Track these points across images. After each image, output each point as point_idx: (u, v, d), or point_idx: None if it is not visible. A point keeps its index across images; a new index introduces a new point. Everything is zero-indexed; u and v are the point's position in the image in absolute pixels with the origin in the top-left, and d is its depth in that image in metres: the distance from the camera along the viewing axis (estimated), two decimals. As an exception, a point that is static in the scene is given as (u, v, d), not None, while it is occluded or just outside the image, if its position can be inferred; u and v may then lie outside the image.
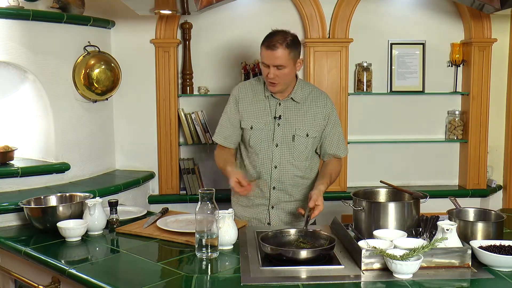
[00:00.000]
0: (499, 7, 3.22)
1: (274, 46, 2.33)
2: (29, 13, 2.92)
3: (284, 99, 2.49)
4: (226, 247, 2.08)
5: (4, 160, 3.04)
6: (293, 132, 2.47)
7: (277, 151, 2.48)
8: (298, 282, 1.74)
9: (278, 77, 2.37)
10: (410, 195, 2.22)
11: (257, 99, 2.51)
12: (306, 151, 2.50)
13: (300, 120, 2.48)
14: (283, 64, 2.34)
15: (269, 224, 2.56)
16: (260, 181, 2.50)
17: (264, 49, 2.36)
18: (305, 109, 2.49)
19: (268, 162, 2.49)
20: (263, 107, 2.50)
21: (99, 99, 3.35)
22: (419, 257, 1.75)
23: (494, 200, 3.79)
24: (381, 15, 3.68)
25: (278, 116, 2.47)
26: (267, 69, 2.37)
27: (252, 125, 2.49)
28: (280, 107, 2.48)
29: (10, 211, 2.57)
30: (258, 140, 2.49)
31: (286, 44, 2.34)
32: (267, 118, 2.48)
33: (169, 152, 3.61)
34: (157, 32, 3.52)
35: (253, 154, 2.51)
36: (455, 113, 3.74)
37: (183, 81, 3.61)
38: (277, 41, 2.33)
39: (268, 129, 2.48)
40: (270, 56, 2.33)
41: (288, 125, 2.48)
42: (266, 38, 2.38)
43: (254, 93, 2.53)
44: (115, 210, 2.43)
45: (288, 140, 2.48)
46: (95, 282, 1.80)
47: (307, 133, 2.48)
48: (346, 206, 2.23)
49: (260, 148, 2.49)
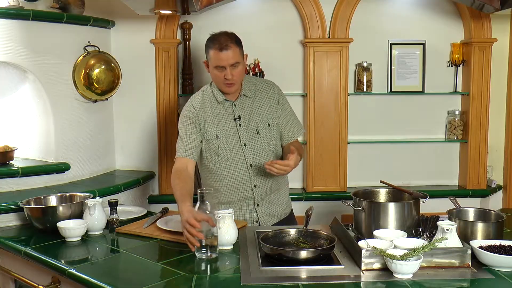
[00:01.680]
0: (499, 7, 3.21)
1: (227, 46, 2.36)
2: (29, 13, 2.92)
3: (237, 99, 2.51)
4: (226, 247, 2.08)
5: (4, 160, 3.04)
6: (256, 126, 2.50)
7: (247, 150, 2.49)
8: (298, 282, 1.74)
9: (235, 76, 2.40)
10: (410, 195, 2.22)
11: (212, 107, 2.50)
12: (273, 139, 2.54)
13: (258, 113, 2.52)
14: (237, 60, 2.39)
15: (257, 221, 2.55)
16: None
17: (217, 51, 2.36)
18: (258, 101, 2.54)
19: (242, 164, 2.49)
20: (220, 114, 2.50)
21: (99, 99, 3.35)
22: (419, 257, 1.75)
23: (494, 200, 3.79)
24: (381, 15, 3.68)
25: (238, 116, 2.49)
26: (223, 71, 2.38)
27: (217, 134, 2.48)
28: (236, 108, 2.51)
29: (10, 211, 2.57)
30: (227, 145, 2.48)
31: (235, 42, 2.40)
32: (228, 123, 2.49)
33: (169, 152, 3.61)
34: (157, 32, 3.52)
35: (224, 161, 2.49)
36: (455, 113, 3.74)
37: (183, 81, 3.61)
38: (226, 40, 2.37)
39: (232, 132, 2.49)
40: (225, 57, 2.35)
41: (249, 122, 2.50)
42: (213, 41, 2.39)
43: (206, 103, 2.51)
44: (115, 210, 2.43)
45: (254, 136, 2.50)
46: (95, 282, 1.80)
47: (268, 123, 2.52)
48: (346, 206, 2.23)
49: (231, 153, 2.48)
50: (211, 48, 2.39)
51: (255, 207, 2.55)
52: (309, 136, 3.59)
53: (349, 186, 3.67)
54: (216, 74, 2.41)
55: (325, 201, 3.53)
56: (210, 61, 2.42)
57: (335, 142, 3.61)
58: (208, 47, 2.42)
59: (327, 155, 3.61)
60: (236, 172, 2.49)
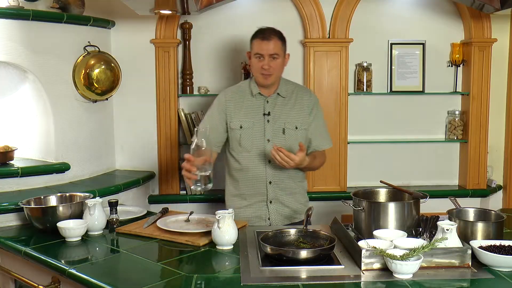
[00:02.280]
0: (499, 7, 3.21)
1: (269, 36, 2.47)
2: (29, 13, 2.92)
3: (271, 96, 2.57)
4: (226, 247, 2.08)
5: (4, 160, 3.04)
6: (283, 126, 2.55)
7: (269, 146, 2.53)
8: (298, 282, 1.74)
9: (272, 67, 2.48)
10: (410, 195, 2.22)
11: (244, 99, 2.59)
12: (297, 143, 2.54)
13: (288, 114, 2.57)
14: (277, 52, 2.48)
15: (269, 219, 2.59)
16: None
17: (258, 40, 2.48)
18: (292, 103, 2.59)
19: (261, 158, 2.55)
20: (251, 106, 2.57)
21: (99, 99, 3.35)
22: (419, 257, 1.75)
23: (494, 200, 3.79)
24: (381, 15, 3.68)
25: (267, 112, 2.55)
26: (261, 61, 2.47)
27: (241, 125, 2.55)
28: (268, 104, 2.57)
29: (10, 211, 2.57)
30: (249, 137, 2.55)
31: (279, 36, 2.50)
32: (256, 116, 2.56)
33: (169, 152, 3.61)
34: (157, 32, 3.52)
35: (245, 153, 2.56)
36: (455, 113, 3.74)
37: (183, 81, 3.61)
38: (270, 33, 2.49)
39: (259, 126, 2.55)
40: (266, 46, 2.46)
41: (278, 120, 2.56)
42: (259, 32, 2.52)
43: (240, 94, 2.61)
44: (115, 210, 2.43)
45: (279, 134, 2.55)
46: (95, 282, 1.80)
47: (296, 126, 2.57)
48: (346, 206, 2.23)
49: (252, 146, 2.54)
50: (255, 38, 2.52)
51: (268, 204, 2.58)
52: (309, 136, 3.59)
53: (349, 186, 3.67)
54: (255, 62, 2.51)
55: (325, 201, 3.53)
56: (252, 50, 2.52)
57: (335, 142, 3.58)
58: (253, 37, 2.54)
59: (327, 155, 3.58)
60: (254, 165, 2.55)
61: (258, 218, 2.60)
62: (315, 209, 2.27)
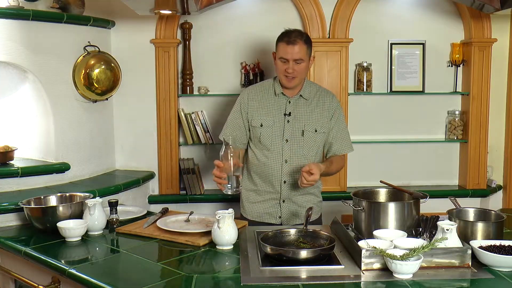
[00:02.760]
0: (499, 7, 3.21)
1: (295, 41, 2.46)
2: (29, 13, 2.92)
3: (294, 97, 2.59)
4: (226, 247, 2.08)
5: (4, 160, 3.04)
6: (302, 127, 2.57)
7: (287, 146, 2.56)
8: (298, 282, 1.74)
9: (296, 71, 2.49)
10: (410, 195, 2.22)
11: (266, 97, 2.62)
12: (315, 146, 2.59)
13: (309, 116, 2.58)
14: (302, 57, 2.48)
15: (280, 217, 2.62)
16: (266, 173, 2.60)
17: (284, 44, 2.47)
18: (313, 106, 2.60)
19: (279, 157, 2.57)
20: (273, 105, 2.60)
21: (99, 99, 3.35)
22: (419, 257, 1.75)
23: (494, 200, 3.79)
24: (381, 15, 3.68)
25: (288, 113, 2.57)
26: (286, 64, 2.48)
27: (262, 123, 2.58)
28: (290, 105, 2.59)
29: (10, 211, 2.58)
30: (269, 136, 2.57)
31: (304, 40, 2.49)
32: (277, 116, 2.58)
33: (169, 152, 3.61)
34: (157, 32, 3.52)
35: (265, 150, 2.59)
36: (455, 113, 3.74)
37: (183, 81, 3.61)
38: (296, 36, 2.48)
39: (278, 125, 2.57)
40: (291, 51, 2.46)
41: (298, 121, 2.57)
42: (284, 35, 2.50)
43: (263, 92, 2.64)
44: (115, 210, 2.44)
45: (298, 136, 2.57)
46: (95, 282, 1.80)
47: (316, 129, 2.58)
48: (346, 206, 2.23)
49: (271, 144, 2.57)
50: (280, 40, 2.51)
51: (280, 202, 2.61)
52: (309, 136, 3.59)
53: (349, 186, 3.67)
54: (279, 65, 2.51)
55: (325, 201, 3.51)
56: (277, 52, 2.52)
57: (335, 142, 3.61)
58: (278, 40, 2.53)
59: (327, 155, 3.60)
60: (270, 163, 2.57)
61: (269, 215, 2.64)
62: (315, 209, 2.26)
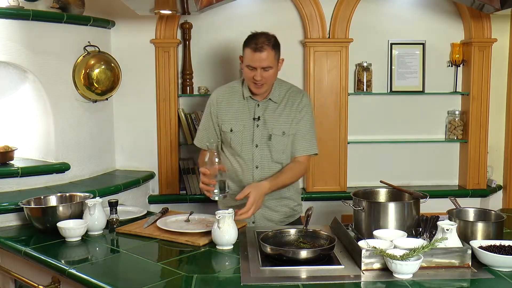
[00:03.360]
0: (499, 7, 3.21)
1: (262, 48, 2.35)
2: (29, 13, 2.92)
3: (263, 100, 2.52)
4: (226, 247, 2.08)
5: (4, 160, 3.04)
6: (270, 131, 2.50)
7: (257, 151, 2.51)
8: (298, 282, 1.74)
9: (265, 78, 2.40)
10: (410, 195, 2.22)
11: (235, 101, 2.54)
12: (285, 149, 2.53)
13: (277, 119, 2.51)
14: (270, 65, 2.38)
15: (254, 223, 2.56)
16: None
17: (250, 51, 2.36)
18: (282, 108, 2.53)
19: (249, 163, 2.52)
20: (242, 109, 2.52)
21: (99, 99, 3.35)
22: (419, 257, 1.75)
23: (494, 200, 3.79)
24: (381, 15, 3.68)
25: (257, 117, 2.50)
26: (253, 71, 2.39)
27: (231, 128, 2.51)
28: (258, 108, 2.52)
29: (10, 211, 2.57)
30: (239, 142, 2.51)
31: (272, 45, 2.38)
32: (246, 120, 2.51)
33: (169, 152, 3.61)
34: (157, 32, 3.52)
35: (236, 156, 2.54)
36: (455, 113, 3.74)
37: (183, 81, 3.61)
38: (263, 42, 2.36)
39: (248, 130, 2.50)
40: (258, 59, 2.36)
41: (266, 125, 2.50)
42: (251, 40, 2.39)
43: (232, 96, 2.55)
44: (115, 210, 2.43)
45: (266, 140, 2.50)
46: (95, 282, 1.80)
47: (283, 131, 2.51)
48: (346, 206, 2.23)
49: (241, 150, 2.52)
50: (247, 46, 2.40)
51: None
52: (309, 136, 3.59)
53: (349, 186, 3.67)
54: (246, 72, 2.43)
55: (325, 201, 3.53)
56: (244, 59, 2.43)
57: (335, 142, 3.61)
58: (245, 45, 2.42)
59: (327, 155, 3.61)
60: (243, 169, 2.53)
61: (242, 221, 2.55)
62: (315, 209, 2.26)
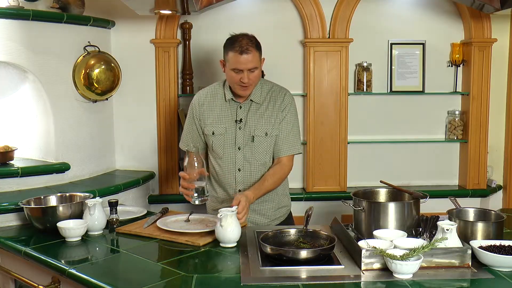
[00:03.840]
0: (499, 7, 3.21)
1: (248, 50, 2.34)
2: (29, 13, 2.92)
3: (244, 102, 2.50)
4: (230, 245, 2.08)
5: (4, 160, 3.04)
6: (252, 133, 2.48)
7: (239, 154, 2.49)
8: (298, 282, 1.74)
9: (251, 79, 2.38)
10: (410, 195, 2.22)
11: (217, 104, 2.51)
12: (268, 150, 2.51)
13: (259, 120, 2.49)
14: (256, 66, 2.38)
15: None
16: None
17: (237, 54, 2.33)
18: (264, 108, 2.50)
19: (232, 166, 2.50)
20: (224, 112, 2.50)
21: (99, 99, 3.35)
22: (419, 257, 1.75)
23: (494, 200, 3.79)
24: (381, 15, 3.68)
25: (239, 119, 2.48)
26: (239, 74, 2.36)
27: (213, 131, 2.49)
28: (240, 110, 2.50)
29: (10, 211, 2.57)
30: (221, 145, 2.49)
31: (255, 46, 2.38)
32: (228, 123, 2.49)
33: (169, 152, 3.61)
34: (157, 32, 3.52)
35: (217, 159, 2.53)
36: (455, 113, 3.74)
37: (183, 81, 3.61)
38: (247, 44, 2.35)
39: (230, 133, 2.48)
40: (244, 61, 2.33)
41: (248, 127, 2.48)
42: (235, 43, 2.36)
43: (213, 98, 2.53)
44: (115, 210, 2.43)
45: (249, 142, 2.49)
46: (95, 282, 1.80)
47: (266, 132, 2.49)
48: (346, 206, 2.23)
49: (223, 153, 2.49)
50: (230, 50, 2.36)
51: None
52: (309, 136, 3.60)
53: (349, 186, 3.67)
54: (232, 75, 2.39)
55: (325, 201, 3.53)
56: (228, 62, 2.39)
57: (335, 142, 3.61)
58: (228, 48, 2.38)
59: (327, 155, 3.61)
60: (225, 172, 2.52)
61: None
62: (315, 209, 2.26)
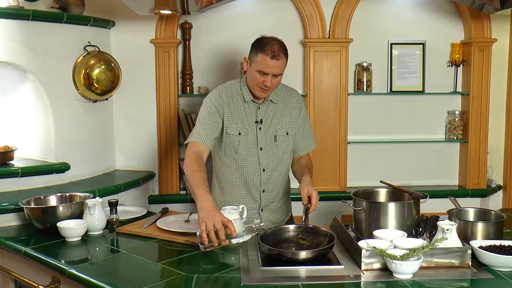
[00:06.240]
0: (499, 7, 3.21)
1: (279, 56, 2.33)
2: (29, 13, 2.92)
3: (263, 103, 2.50)
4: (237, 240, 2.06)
5: (4, 160, 3.04)
6: (274, 133, 2.49)
7: (262, 154, 2.49)
8: (298, 282, 1.74)
9: (274, 85, 2.39)
10: (410, 195, 2.22)
11: (236, 104, 2.48)
12: (289, 149, 2.54)
13: (279, 120, 2.51)
14: (281, 72, 2.38)
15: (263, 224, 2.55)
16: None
17: (267, 58, 2.31)
18: (281, 108, 2.52)
19: (257, 166, 2.49)
20: (244, 113, 2.49)
21: (99, 99, 3.35)
22: (419, 257, 1.75)
23: (494, 200, 3.79)
24: (381, 15, 3.68)
25: (260, 120, 2.48)
26: (264, 77, 2.35)
27: (239, 131, 2.46)
28: (260, 111, 2.49)
29: (10, 211, 2.58)
30: (246, 145, 2.48)
31: (285, 53, 2.37)
32: (249, 123, 2.48)
33: (169, 152, 3.61)
34: (157, 32, 3.52)
35: (241, 160, 2.48)
36: (455, 113, 3.74)
37: (183, 81, 3.61)
38: (279, 50, 2.33)
39: (252, 134, 2.48)
40: (273, 66, 2.32)
41: (269, 127, 2.49)
42: (266, 46, 2.33)
43: (233, 98, 2.49)
44: (115, 210, 2.44)
45: (271, 142, 2.49)
46: (95, 282, 1.80)
47: (287, 132, 2.51)
48: (346, 206, 2.24)
49: (248, 153, 2.48)
50: (260, 52, 2.33)
51: (259, 212, 2.55)
52: (309, 136, 3.60)
53: (349, 186, 3.67)
54: (256, 76, 2.36)
55: (325, 201, 3.52)
56: (255, 63, 2.35)
57: (335, 142, 3.62)
58: (258, 49, 2.35)
59: (327, 155, 3.61)
60: (249, 174, 2.50)
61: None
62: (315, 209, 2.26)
